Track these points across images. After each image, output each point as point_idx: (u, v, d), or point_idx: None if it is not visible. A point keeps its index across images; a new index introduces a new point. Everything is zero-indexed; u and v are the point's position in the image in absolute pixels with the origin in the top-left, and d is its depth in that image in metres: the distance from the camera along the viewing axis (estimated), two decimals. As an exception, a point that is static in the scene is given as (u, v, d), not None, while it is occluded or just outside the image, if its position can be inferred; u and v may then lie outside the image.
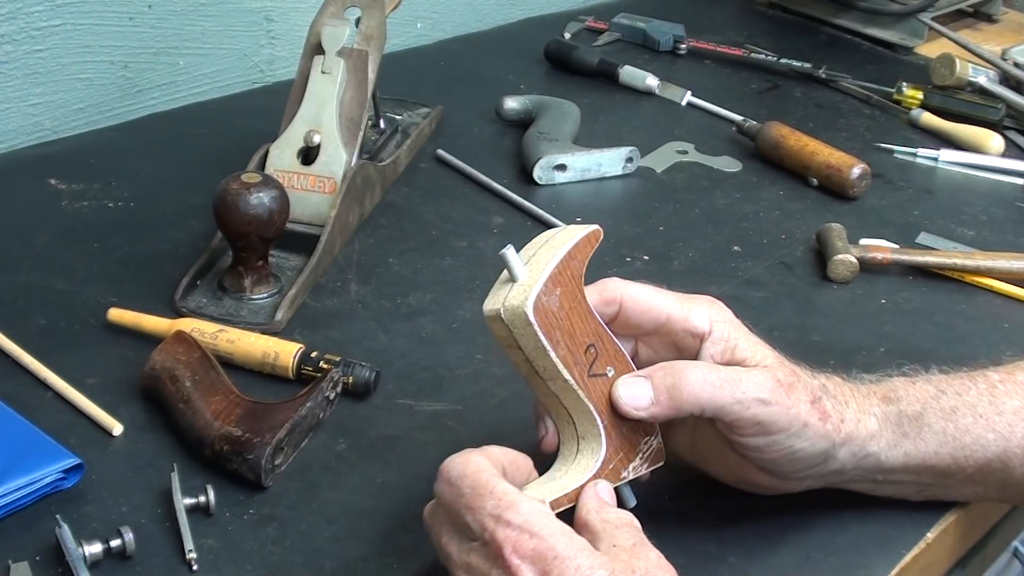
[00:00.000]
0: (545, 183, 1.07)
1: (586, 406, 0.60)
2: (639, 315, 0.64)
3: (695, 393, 0.60)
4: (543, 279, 0.58)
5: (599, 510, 0.58)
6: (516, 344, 0.59)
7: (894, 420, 0.66)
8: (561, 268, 0.59)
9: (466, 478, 0.55)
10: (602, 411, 0.61)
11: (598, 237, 0.62)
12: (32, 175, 1.01)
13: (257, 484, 0.68)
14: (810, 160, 1.10)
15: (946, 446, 0.66)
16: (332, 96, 0.93)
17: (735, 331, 0.64)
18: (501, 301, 0.58)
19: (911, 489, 0.69)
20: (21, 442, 0.67)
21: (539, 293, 0.58)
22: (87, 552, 0.61)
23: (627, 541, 0.55)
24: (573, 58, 1.33)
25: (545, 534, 0.53)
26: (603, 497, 0.59)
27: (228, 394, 0.72)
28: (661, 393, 0.61)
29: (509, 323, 0.58)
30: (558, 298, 0.59)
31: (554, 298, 0.59)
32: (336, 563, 0.64)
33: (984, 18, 1.60)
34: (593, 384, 0.60)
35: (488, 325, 0.60)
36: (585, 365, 0.60)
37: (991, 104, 1.25)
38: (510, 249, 0.59)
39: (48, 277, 0.87)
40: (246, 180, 0.81)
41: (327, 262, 0.91)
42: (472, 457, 0.56)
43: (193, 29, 1.19)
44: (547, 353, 0.58)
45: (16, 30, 1.05)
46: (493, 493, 0.54)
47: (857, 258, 0.94)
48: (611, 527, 0.56)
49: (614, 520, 0.57)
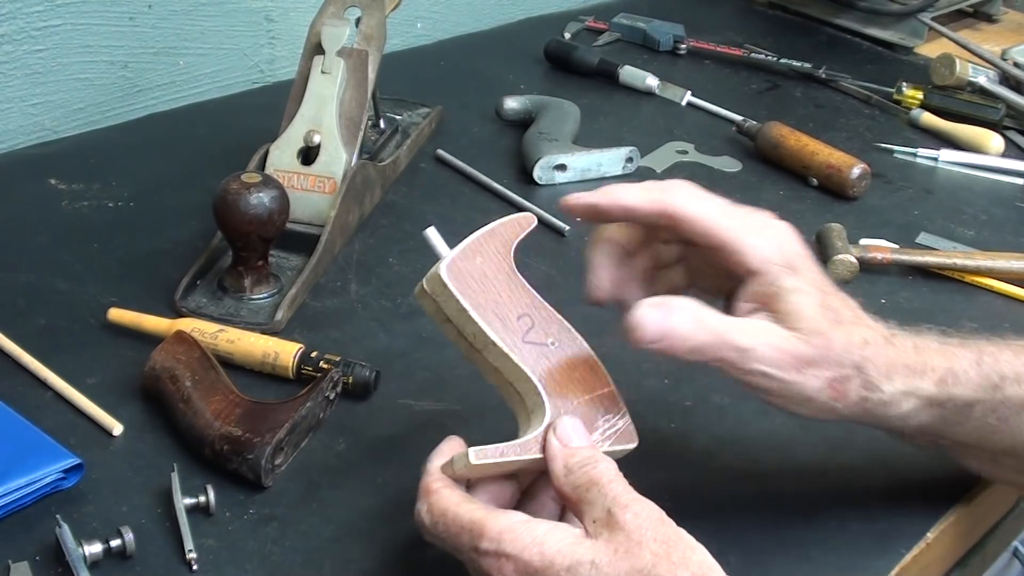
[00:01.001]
0: (545, 183, 1.07)
1: (523, 372, 0.60)
2: (692, 235, 0.62)
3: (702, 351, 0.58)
4: (459, 247, 0.61)
5: (566, 474, 0.56)
6: (445, 316, 0.60)
7: (939, 403, 0.62)
8: (481, 240, 0.62)
9: (438, 524, 0.56)
10: (544, 379, 0.60)
11: (529, 221, 0.64)
12: (32, 175, 1.01)
13: (257, 484, 0.68)
14: (810, 160, 1.10)
15: (978, 431, 0.64)
16: (332, 96, 0.93)
17: (787, 278, 0.61)
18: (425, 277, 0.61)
19: (926, 444, 0.68)
20: (21, 442, 0.67)
21: (455, 257, 0.60)
22: (87, 552, 0.61)
23: (601, 510, 0.54)
24: (573, 58, 1.33)
25: (517, 552, 0.53)
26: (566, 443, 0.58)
27: (228, 394, 0.72)
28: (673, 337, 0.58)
29: (431, 292, 0.60)
30: (479, 266, 0.61)
31: (473, 264, 0.61)
32: (336, 563, 0.64)
33: (984, 18, 1.60)
34: (531, 352, 0.60)
35: (420, 304, 0.61)
36: (519, 331, 0.61)
37: (991, 104, 1.25)
38: (431, 230, 0.62)
39: (48, 277, 0.87)
40: (246, 180, 0.81)
41: (327, 262, 0.91)
42: (431, 500, 0.57)
43: (193, 29, 1.19)
44: (471, 316, 0.59)
45: (16, 30, 1.05)
46: (463, 527, 0.55)
47: (857, 258, 0.94)
48: (583, 492, 0.55)
49: (583, 482, 0.55)
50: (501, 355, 0.60)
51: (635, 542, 0.52)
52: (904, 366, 0.61)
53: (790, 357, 0.59)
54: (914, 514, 0.71)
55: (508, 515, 0.55)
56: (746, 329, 0.59)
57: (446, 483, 0.57)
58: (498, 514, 0.55)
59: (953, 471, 0.73)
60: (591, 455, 0.57)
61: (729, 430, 0.76)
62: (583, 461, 0.56)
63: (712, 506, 0.69)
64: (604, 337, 0.85)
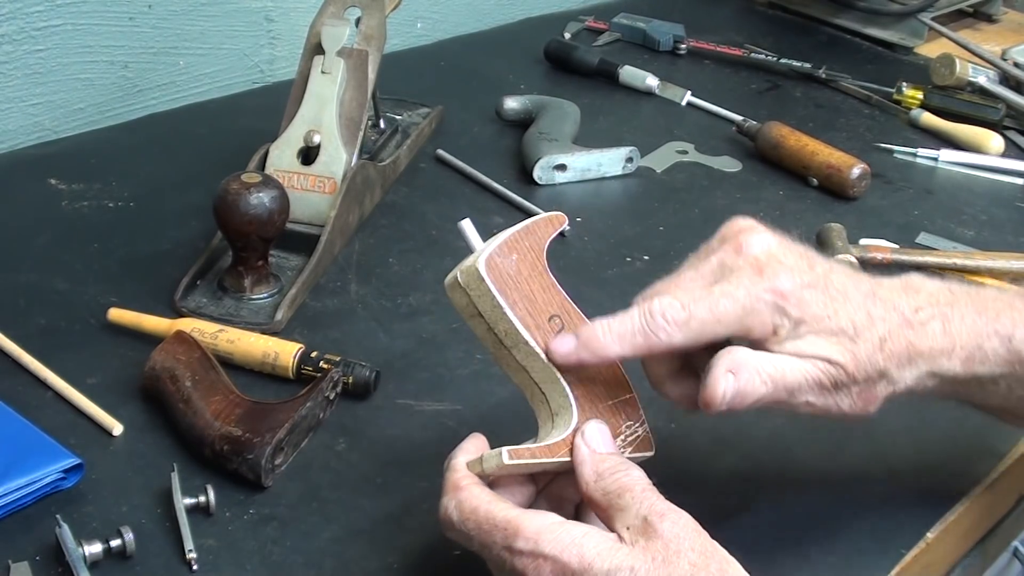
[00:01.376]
0: (545, 183, 1.07)
1: (553, 374, 0.59)
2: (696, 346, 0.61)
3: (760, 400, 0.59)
4: (497, 242, 0.60)
5: (596, 480, 0.56)
6: (476, 310, 0.59)
7: (961, 381, 0.62)
8: (517, 237, 0.61)
9: (467, 521, 0.55)
10: (572, 382, 0.60)
11: (561, 220, 0.64)
12: (32, 175, 1.01)
13: (257, 484, 0.68)
14: (810, 160, 1.10)
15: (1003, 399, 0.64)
16: (332, 96, 0.93)
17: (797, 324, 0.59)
18: (458, 269, 0.60)
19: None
20: (21, 442, 0.67)
21: (492, 253, 0.59)
22: (87, 552, 0.61)
23: (636, 517, 0.54)
24: (573, 58, 1.33)
25: (556, 553, 0.52)
26: (594, 448, 0.57)
27: (228, 394, 0.72)
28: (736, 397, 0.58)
29: (465, 286, 0.59)
30: (514, 263, 0.60)
31: (510, 261, 0.60)
32: (336, 563, 0.64)
33: (984, 18, 1.60)
34: None
35: (449, 297, 0.60)
36: (550, 332, 0.60)
37: (991, 104, 1.25)
38: (466, 221, 0.61)
39: (48, 277, 0.87)
40: (246, 180, 0.81)
41: (327, 262, 0.91)
42: (461, 496, 0.56)
43: (193, 29, 1.19)
44: (505, 313, 0.59)
45: (16, 30, 1.05)
46: (496, 525, 0.54)
47: (857, 258, 0.94)
48: (615, 499, 0.55)
49: (615, 489, 0.55)
50: (531, 354, 0.59)
51: (673, 551, 0.52)
52: (928, 349, 0.61)
53: (829, 385, 0.59)
54: (914, 514, 0.71)
55: (543, 515, 0.54)
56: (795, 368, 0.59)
57: (474, 480, 0.57)
58: (532, 514, 0.54)
59: (953, 472, 0.73)
60: (621, 461, 0.57)
61: (730, 431, 0.76)
62: (614, 467, 0.56)
63: (713, 506, 0.69)
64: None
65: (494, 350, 0.61)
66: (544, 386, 0.60)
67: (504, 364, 0.61)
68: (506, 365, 0.61)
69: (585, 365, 0.60)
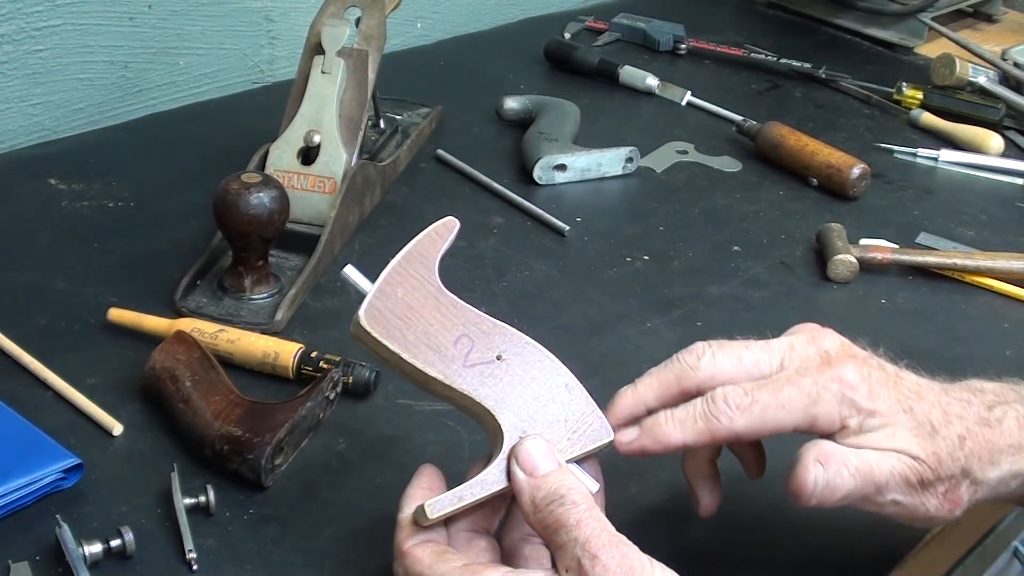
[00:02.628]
0: (545, 183, 1.07)
1: (471, 399, 0.57)
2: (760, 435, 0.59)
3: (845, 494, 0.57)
4: (376, 286, 0.58)
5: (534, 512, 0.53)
6: (380, 356, 0.58)
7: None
8: (399, 269, 0.59)
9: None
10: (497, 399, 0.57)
11: (449, 227, 0.61)
12: (32, 175, 1.01)
13: (257, 484, 0.68)
14: (810, 160, 1.10)
15: None
16: (332, 96, 0.93)
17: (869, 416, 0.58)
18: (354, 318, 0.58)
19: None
20: (21, 442, 0.67)
21: (371, 301, 0.58)
22: (87, 552, 0.61)
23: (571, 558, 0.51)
24: (573, 58, 1.33)
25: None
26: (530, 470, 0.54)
27: (228, 394, 0.72)
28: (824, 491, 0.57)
29: (359, 338, 0.58)
30: (401, 299, 0.58)
31: (395, 301, 0.58)
32: (336, 563, 0.64)
33: (984, 18, 1.60)
34: (478, 374, 0.58)
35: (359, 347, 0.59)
36: (458, 357, 0.58)
37: (991, 104, 1.25)
38: (349, 268, 0.60)
39: (48, 277, 0.87)
40: (246, 180, 0.81)
41: (327, 262, 0.91)
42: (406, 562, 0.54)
43: (193, 29, 1.19)
44: (401, 357, 0.57)
45: (16, 30, 1.05)
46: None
47: (857, 258, 0.94)
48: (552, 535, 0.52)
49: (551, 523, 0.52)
50: (445, 387, 0.58)
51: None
52: (1008, 447, 0.60)
53: (916, 482, 0.58)
54: (914, 514, 0.71)
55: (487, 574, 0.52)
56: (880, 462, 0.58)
57: (418, 539, 0.55)
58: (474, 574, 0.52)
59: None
60: (557, 488, 0.53)
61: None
62: (548, 496, 0.53)
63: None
64: (605, 336, 0.85)
65: (418, 387, 0.59)
66: (474, 409, 0.58)
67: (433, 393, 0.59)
68: (435, 394, 0.59)
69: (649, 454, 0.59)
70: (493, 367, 0.58)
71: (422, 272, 0.59)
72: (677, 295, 0.91)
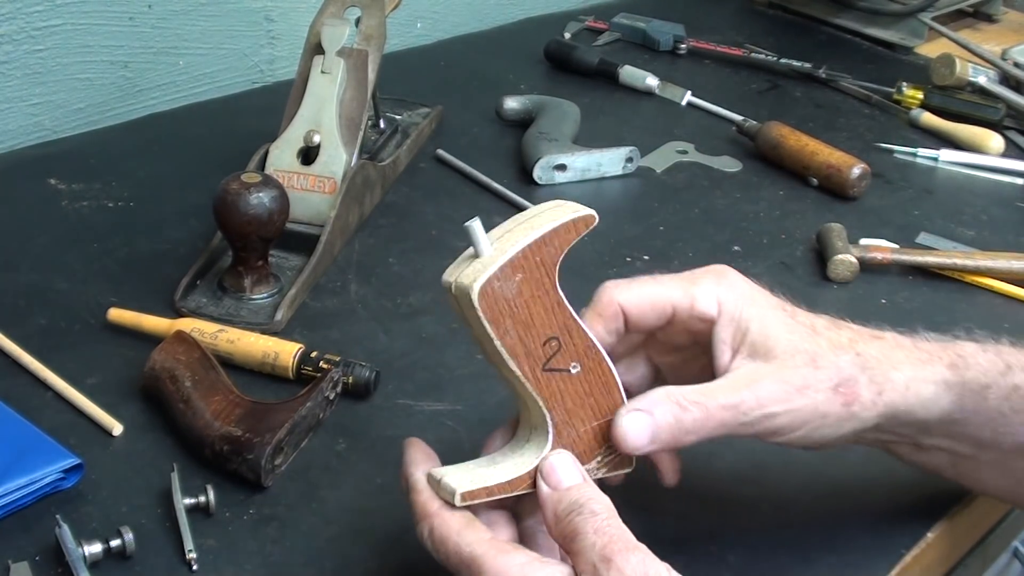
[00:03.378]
0: (545, 183, 1.07)
1: (535, 401, 0.57)
2: (645, 316, 0.61)
3: (699, 427, 0.57)
4: (499, 263, 0.55)
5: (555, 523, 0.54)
6: (466, 322, 0.57)
7: (956, 390, 0.61)
8: (528, 253, 0.56)
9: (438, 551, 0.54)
10: (554, 407, 0.58)
11: (588, 223, 0.57)
12: (32, 175, 1.01)
13: (257, 484, 0.68)
14: (810, 160, 1.10)
15: (993, 422, 0.62)
16: (332, 96, 0.93)
17: (747, 308, 0.60)
18: (455, 275, 0.56)
19: (944, 460, 0.66)
20: (21, 442, 0.67)
21: (491, 277, 0.55)
22: (87, 552, 0.61)
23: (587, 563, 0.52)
24: (573, 58, 1.33)
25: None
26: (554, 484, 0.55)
27: (228, 394, 0.72)
28: (663, 431, 0.58)
29: (457, 301, 0.56)
30: (517, 284, 0.56)
31: (511, 284, 0.55)
32: (336, 563, 0.64)
33: (984, 18, 1.60)
34: (548, 379, 0.57)
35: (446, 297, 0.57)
36: (541, 358, 0.57)
37: (991, 104, 1.25)
38: (476, 222, 0.56)
39: (48, 277, 0.87)
40: (246, 180, 0.81)
41: (327, 262, 0.91)
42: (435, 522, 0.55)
43: (193, 29, 1.19)
44: (492, 340, 0.56)
45: (16, 30, 1.05)
46: (462, 561, 0.53)
47: (857, 258, 0.94)
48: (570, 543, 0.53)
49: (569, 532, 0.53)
50: (515, 379, 0.58)
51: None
52: (905, 356, 0.61)
53: (783, 389, 0.58)
54: (914, 514, 0.71)
55: (508, 556, 0.53)
56: (725, 386, 0.58)
57: (444, 503, 0.56)
58: (497, 553, 0.53)
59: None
60: (577, 499, 0.54)
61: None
62: (569, 507, 0.54)
63: (713, 506, 0.70)
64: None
65: (484, 356, 0.59)
66: (527, 403, 0.59)
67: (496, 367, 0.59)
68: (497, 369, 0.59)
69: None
70: (566, 376, 0.58)
71: (546, 262, 0.57)
72: (677, 295, 0.91)
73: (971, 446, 0.64)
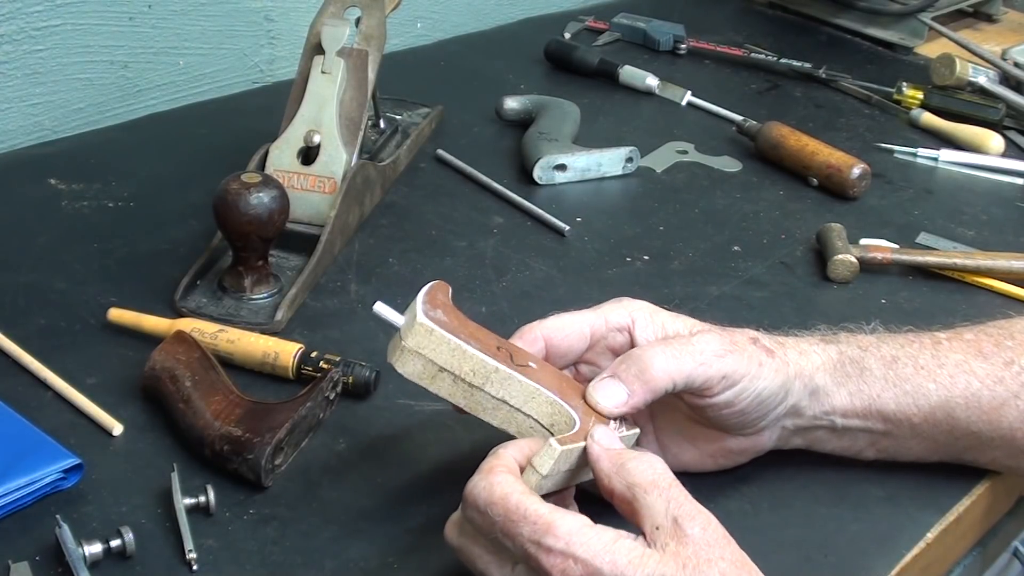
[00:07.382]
0: (545, 183, 1.07)
1: (533, 389, 0.60)
2: (565, 341, 0.66)
3: (663, 370, 0.61)
4: (419, 304, 0.61)
5: (618, 470, 0.56)
6: (436, 366, 0.60)
7: (835, 360, 0.67)
8: (429, 296, 0.62)
9: (494, 505, 0.54)
10: (550, 388, 0.61)
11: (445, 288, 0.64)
12: (32, 175, 1.01)
13: (257, 484, 0.68)
14: (810, 160, 1.10)
15: (888, 391, 0.67)
16: (332, 96, 0.93)
17: (656, 313, 0.67)
18: (401, 341, 0.60)
19: (864, 441, 0.70)
20: (21, 442, 0.67)
21: (423, 311, 0.60)
22: (87, 552, 0.61)
23: (665, 517, 0.53)
24: (573, 58, 1.33)
25: (588, 557, 0.52)
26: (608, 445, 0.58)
27: (228, 394, 0.72)
28: (633, 383, 0.61)
29: (417, 348, 0.59)
30: (443, 315, 0.61)
31: (439, 314, 0.61)
32: (336, 563, 0.64)
33: (984, 18, 1.60)
34: (525, 372, 0.61)
35: (401, 373, 0.61)
36: (505, 360, 0.61)
37: (991, 104, 1.25)
38: (380, 304, 0.62)
39: (48, 277, 0.87)
40: (246, 180, 0.81)
41: (327, 262, 0.91)
42: (495, 479, 0.55)
43: (193, 29, 1.19)
44: (466, 351, 0.59)
45: (16, 30, 1.05)
46: (527, 517, 0.53)
47: (857, 258, 0.94)
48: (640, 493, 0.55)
49: (640, 482, 0.55)
50: (507, 380, 0.60)
51: (704, 559, 0.52)
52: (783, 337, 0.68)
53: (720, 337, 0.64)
54: (914, 514, 0.71)
55: (575, 517, 0.54)
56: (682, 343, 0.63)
57: (512, 470, 0.56)
58: (565, 514, 0.54)
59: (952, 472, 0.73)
60: (643, 454, 0.57)
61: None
62: (637, 460, 0.56)
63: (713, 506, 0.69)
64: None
65: (466, 400, 0.61)
66: (528, 408, 0.60)
67: (480, 411, 0.61)
68: (482, 410, 0.61)
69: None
70: (532, 370, 0.62)
71: (447, 304, 0.63)
72: (677, 295, 0.91)
73: (883, 422, 0.68)
